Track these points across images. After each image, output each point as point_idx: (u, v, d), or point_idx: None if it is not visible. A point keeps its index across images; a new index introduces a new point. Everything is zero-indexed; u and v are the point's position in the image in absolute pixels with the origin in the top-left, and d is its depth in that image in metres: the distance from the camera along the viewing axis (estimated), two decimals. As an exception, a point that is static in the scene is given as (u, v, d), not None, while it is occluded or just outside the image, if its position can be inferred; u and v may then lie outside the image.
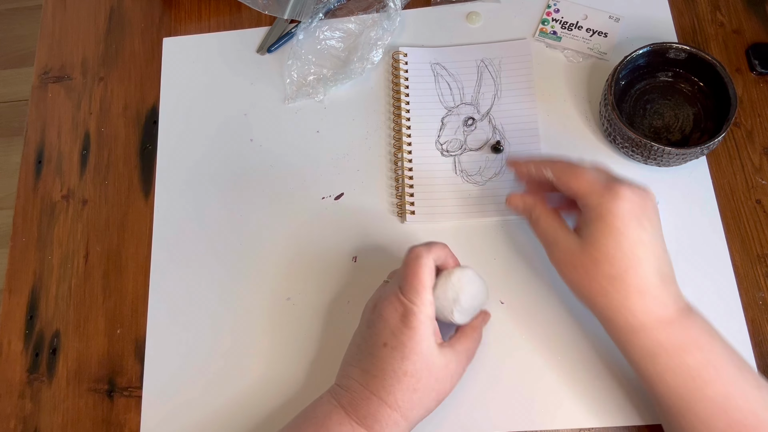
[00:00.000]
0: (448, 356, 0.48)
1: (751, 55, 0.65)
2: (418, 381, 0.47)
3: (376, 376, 0.47)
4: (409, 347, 0.47)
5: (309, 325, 0.59)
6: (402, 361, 0.47)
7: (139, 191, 0.67)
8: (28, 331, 0.63)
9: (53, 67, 0.74)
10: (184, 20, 0.74)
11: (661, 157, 0.58)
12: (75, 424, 0.59)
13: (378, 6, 0.71)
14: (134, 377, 0.60)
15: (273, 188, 0.65)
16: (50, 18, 0.77)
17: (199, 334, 0.60)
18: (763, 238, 0.59)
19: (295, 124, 0.67)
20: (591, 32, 0.67)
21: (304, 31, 0.70)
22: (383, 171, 0.64)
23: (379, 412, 0.47)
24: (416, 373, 0.47)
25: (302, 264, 0.61)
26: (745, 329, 0.56)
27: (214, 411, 0.57)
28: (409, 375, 0.47)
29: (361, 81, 0.68)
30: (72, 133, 0.70)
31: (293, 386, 0.57)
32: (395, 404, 0.47)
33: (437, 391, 0.48)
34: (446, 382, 0.48)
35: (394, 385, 0.47)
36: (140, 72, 0.72)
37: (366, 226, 0.62)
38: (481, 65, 0.67)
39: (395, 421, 0.47)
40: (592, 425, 0.54)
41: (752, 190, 0.61)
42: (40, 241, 0.66)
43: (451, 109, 0.66)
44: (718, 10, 0.68)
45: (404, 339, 0.47)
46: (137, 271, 0.64)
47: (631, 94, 0.63)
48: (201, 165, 0.67)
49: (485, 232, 0.61)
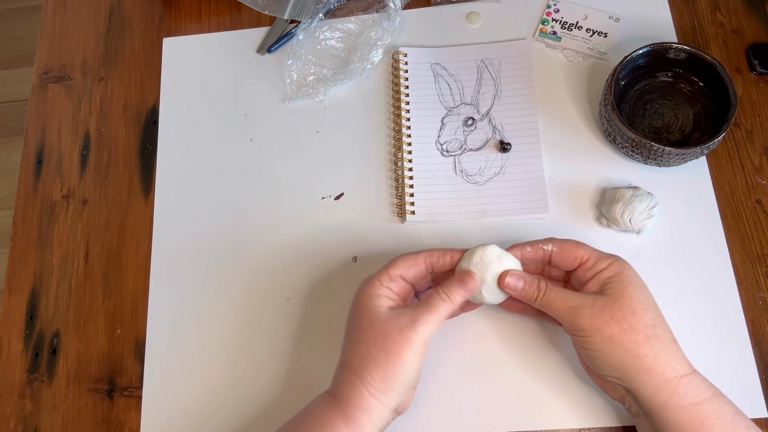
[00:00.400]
0: (398, 311, 0.49)
1: (751, 55, 0.65)
2: (362, 333, 0.49)
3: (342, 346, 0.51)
4: (356, 305, 0.51)
5: (309, 325, 0.59)
6: (351, 320, 0.51)
7: (139, 191, 0.67)
8: (28, 331, 0.63)
9: (53, 67, 0.74)
10: (184, 20, 0.74)
11: (661, 157, 0.58)
12: (75, 424, 0.59)
13: (378, 6, 0.71)
14: (134, 377, 0.60)
15: (273, 188, 0.65)
16: (50, 18, 0.77)
17: (199, 334, 0.60)
18: (763, 238, 0.59)
19: (295, 124, 0.67)
20: (591, 32, 0.67)
21: (304, 31, 0.70)
22: (383, 171, 0.64)
23: (338, 375, 0.50)
24: (360, 326, 0.49)
25: (302, 264, 0.62)
26: (745, 329, 0.56)
27: (214, 411, 0.57)
28: (354, 330, 0.50)
29: (361, 81, 0.68)
30: (72, 133, 0.70)
31: (293, 386, 0.57)
32: (347, 362, 0.49)
33: (385, 345, 0.47)
34: (395, 335, 0.47)
35: (345, 345, 0.51)
36: (140, 72, 0.72)
37: (366, 226, 0.62)
38: (481, 65, 0.67)
39: (349, 379, 0.48)
40: (592, 425, 0.54)
41: (752, 190, 0.61)
42: (40, 241, 0.66)
43: (451, 109, 0.66)
44: (718, 10, 0.68)
45: (354, 301, 0.51)
46: (137, 271, 0.64)
47: (631, 94, 0.63)
48: (201, 165, 0.67)
49: (485, 232, 0.61)
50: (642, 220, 0.57)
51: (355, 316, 0.50)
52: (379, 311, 0.49)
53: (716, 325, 0.56)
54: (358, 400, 0.47)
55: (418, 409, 0.55)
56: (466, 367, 0.56)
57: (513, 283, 0.50)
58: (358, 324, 0.49)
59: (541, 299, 0.50)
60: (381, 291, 0.50)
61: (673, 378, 0.45)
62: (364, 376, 0.47)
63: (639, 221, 0.57)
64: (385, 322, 0.48)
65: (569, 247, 0.51)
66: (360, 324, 0.49)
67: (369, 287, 0.50)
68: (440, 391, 0.56)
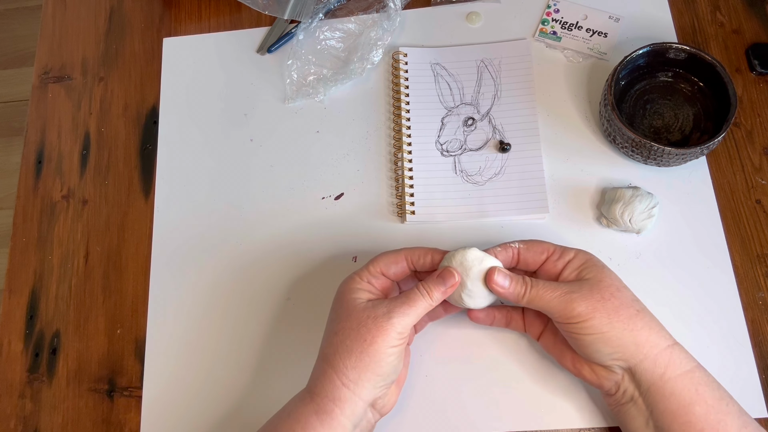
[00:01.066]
0: (375, 302, 0.49)
1: (751, 55, 0.65)
2: (338, 323, 0.49)
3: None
4: (336, 300, 0.51)
5: (309, 325, 0.59)
6: (330, 313, 0.51)
7: (139, 191, 0.67)
8: (28, 331, 0.63)
9: (53, 67, 0.74)
10: (184, 20, 0.74)
11: (661, 157, 0.58)
12: (75, 424, 0.59)
13: (378, 6, 0.71)
14: (134, 377, 0.60)
15: (273, 188, 0.65)
16: (50, 18, 0.77)
17: (199, 334, 0.60)
18: (763, 238, 0.59)
19: (295, 124, 0.67)
20: (591, 32, 0.67)
21: (304, 31, 0.70)
22: (383, 171, 0.64)
23: (314, 368, 0.50)
24: (337, 317, 0.50)
25: (302, 264, 0.62)
26: (745, 329, 0.56)
27: (214, 411, 0.57)
28: (330, 321, 0.50)
29: (361, 81, 0.68)
30: (72, 133, 0.70)
31: (293, 386, 0.57)
32: (322, 353, 0.50)
33: (359, 333, 0.47)
34: (369, 324, 0.47)
35: (324, 338, 0.51)
36: (140, 72, 0.72)
37: (366, 226, 0.62)
38: (481, 65, 0.67)
39: (323, 370, 0.48)
40: (592, 425, 0.54)
41: (752, 190, 0.61)
42: (40, 241, 0.66)
43: (451, 109, 0.66)
44: (718, 10, 0.68)
45: (335, 297, 0.52)
46: (137, 271, 0.64)
47: (631, 94, 0.63)
48: (201, 165, 0.67)
49: (485, 232, 0.61)
50: (642, 220, 0.57)
51: (333, 309, 0.51)
52: (356, 303, 0.49)
53: (716, 325, 0.56)
54: (331, 390, 0.47)
55: (418, 409, 0.55)
56: (465, 367, 0.56)
57: (500, 280, 0.50)
58: (335, 316, 0.50)
59: (528, 294, 0.49)
60: (360, 285, 0.51)
61: (667, 347, 0.47)
62: (337, 365, 0.47)
63: (639, 221, 0.57)
64: (361, 311, 0.48)
65: (534, 242, 0.52)
66: (337, 315, 0.50)
67: (349, 282, 0.51)
68: (440, 391, 0.56)
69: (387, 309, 0.48)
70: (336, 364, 0.47)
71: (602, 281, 0.48)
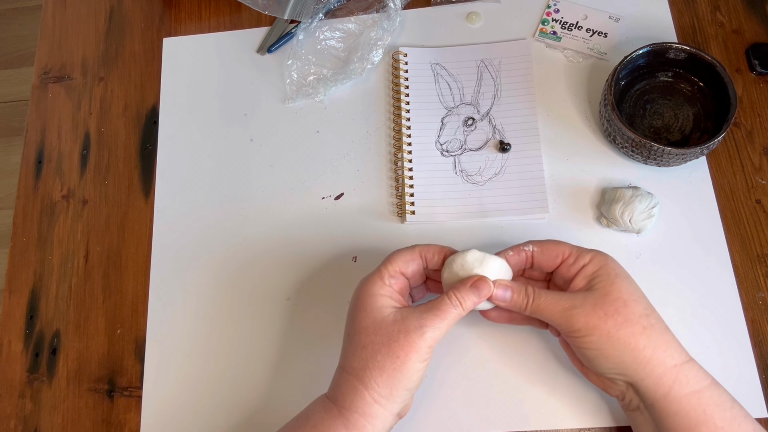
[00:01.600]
0: (404, 313, 0.47)
1: (751, 55, 0.65)
2: (366, 336, 0.47)
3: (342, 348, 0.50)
4: (357, 306, 0.49)
5: (309, 325, 0.59)
6: (352, 322, 0.49)
7: (139, 191, 0.67)
8: (28, 331, 0.63)
9: (53, 67, 0.74)
10: (184, 20, 0.74)
11: (661, 157, 0.58)
12: (75, 424, 0.59)
13: (378, 6, 0.71)
14: (134, 377, 0.60)
15: (273, 188, 0.65)
16: (50, 18, 0.77)
17: (198, 334, 0.60)
18: (763, 238, 0.59)
19: (295, 124, 0.67)
20: (591, 32, 0.67)
21: (304, 31, 0.70)
22: (383, 171, 0.64)
23: (339, 379, 0.48)
24: (363, 329, 0.47)
25: (302, 264, 0.62)
26: (745, 329, 0.56)
27: (214, 411, 0.57)
28: (357, 332, 0.48)
29: (361, 81, 0.68)
30: (72, 133, 0.70)
31: (293, 386, 0.57)
32: (349, 366, 0.47)
33: (390, 348, 0.46)
34: (401, 339, 0.46)
35: (347, 348, 0.48)
36: (140, 72, 0.72)
37: (366, 226, 0.62)
38: (481, 65, 0.67)
39: (352, 385, 0.46)
40: (591, 425, 0.54)
41: (752, 190, 0.61)
42: (40, 241, 0.66)
43: (451, 109, 0.66)
44: (718, 10, 0.68)
45: (355, 302, 0.49)
46: (137, 271, 0.64)
47: (631, 94, 0.63)
48: (201, 165, 0.67)
49: (485, 232, 0.61)
50: (642, 220, 0.57)
51: (356, 317, 0.48)
52: (383, 313, 0.47)
53: (716, 325, 0.56)
54: (362, 407, 0.46)
55: (418, 409, 0.55)
56: (465, 367, 0.56)
57: (501, 294, 0.48)
58: (360, 326, 0.48)
59: (531, 306, 0.48)
60: (383, 290, 0.49)
61: (673, 366, 0.45)
62: (368, 382, 0.46)
63: (639, 221, 0.57)
64: (391, 324, 0.46)
65: (549, 245, 0.51)
66: (362, 326, 0.47)
67: (370, 286, 0.49)
68: (440, 391, 0.56)
69: (419, 323, 0.46)
70: (367, 381, 0.46)
71: (609, 294, 0.46)
